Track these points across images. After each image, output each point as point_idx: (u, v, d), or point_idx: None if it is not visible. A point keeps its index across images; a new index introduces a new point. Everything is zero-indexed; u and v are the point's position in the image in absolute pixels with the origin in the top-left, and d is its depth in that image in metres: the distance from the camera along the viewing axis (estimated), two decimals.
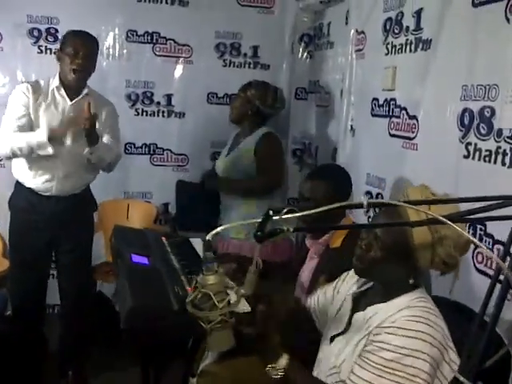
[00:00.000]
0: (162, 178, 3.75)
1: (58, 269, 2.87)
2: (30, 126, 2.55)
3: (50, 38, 3.43)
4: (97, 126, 2.49)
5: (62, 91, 2.60)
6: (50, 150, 2.47)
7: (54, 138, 2.47)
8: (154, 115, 3.69)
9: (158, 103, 3.68)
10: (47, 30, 3.42)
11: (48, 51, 3.45)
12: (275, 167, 2.91)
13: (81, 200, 2.74)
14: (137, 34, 3.57)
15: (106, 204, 3.66)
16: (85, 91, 2.62)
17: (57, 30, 3.42)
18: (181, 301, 1.59)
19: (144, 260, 2.02)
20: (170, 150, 3.76)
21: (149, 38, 3.58)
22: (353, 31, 2.86)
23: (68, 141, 2.58)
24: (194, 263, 1.88)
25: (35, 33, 3.42)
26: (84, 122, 2.39)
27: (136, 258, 2.00)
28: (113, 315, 3.45)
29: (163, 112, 3.70)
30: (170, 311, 1.60)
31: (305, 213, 1.08)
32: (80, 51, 2.49)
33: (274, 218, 1.10)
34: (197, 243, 2.16)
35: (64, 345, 2.93)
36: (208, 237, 1.10)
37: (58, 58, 2.60)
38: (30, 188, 2.63)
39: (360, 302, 1.51)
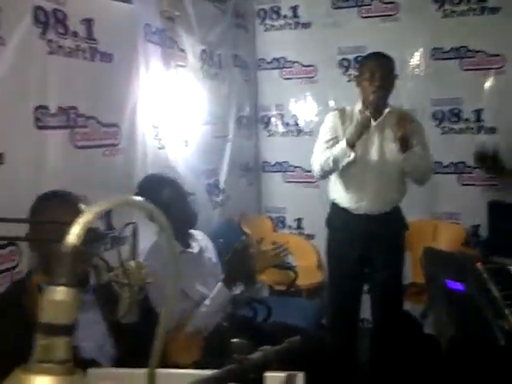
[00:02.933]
0: (470, 199, 3.56)
1: (370, 285, 2.97)
2: None
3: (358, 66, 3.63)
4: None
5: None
6: (351, 156, 2.58)
7: (351, 141, 2.56)
8: (461, 132, 3.53)
9: (467, 120, 3.51)
10: (355, 58, 3.63)
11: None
12: None
13: (391, 219, 2.78)
14: (442, 51, 3.49)
15: (413, 224, 3.62)
16: (386, 110, 2.67)
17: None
18: (506, 336, 1.46)
19: (459, 286, 1.93)
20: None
21: (455, 53, 3.46)
22: None
23: (374, 158, 2.67)
24: None
25: (345, 63, 3.68)
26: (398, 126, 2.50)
27: (451, 284, 1.93)
28: (420, 336, 3.41)
29: (472, 128, 3.51)
30: (495, 346, 1.48)
31: None
32: (376, 73, 2.57)
33: None
34: None
35: (373, 360, 2.99)
36: None
37: (357, 83, 2.74)
38: (343, 208, 2.80)
39: None
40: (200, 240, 2.41)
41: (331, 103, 3.73)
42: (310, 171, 3.94)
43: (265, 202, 4.12)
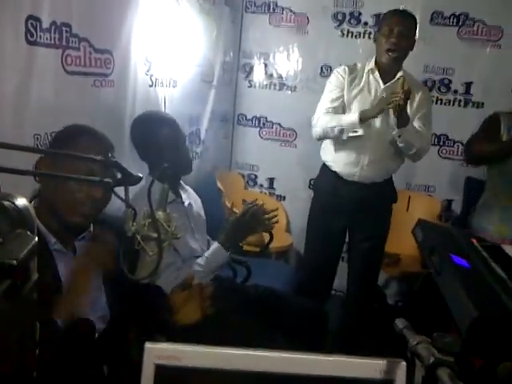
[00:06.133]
0: (448, 173, 3.54)
1: (350, 254, 2.87)
2: (343, 108, 2.53)
3: (353, 21, 3.43)
4: (408, 109, 2.35)
5: (376, 74, 2.51)
6: (359, 131, 2.40)
7: (365, 118, 2.39)
8: (450, 104, 3.44)
9: (455, 91, 3.42)
10: (351, 13, 3.43)
11: (350, 35, 3.46)
12: None
13: (382, 189, 2.65)
14: (442, 16, 3.34)
15: None
16: (399, 74, 2.48)
17: (360, 14, 3.40)
18: None
19: (464, 262, 1.86)
20: (461, 143, 3.49)
21: (454, 20, 3.32)
22: None
23: (377, 124, 2.48)
24: None
25: (339, 16, 3.46)
26: (395, 98, 2.24)
27: (457, 260, 1.86)
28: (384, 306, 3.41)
29: (459, 101, 3.43)
30: None
31: None
32: (394, 29, 2.36)
33: None
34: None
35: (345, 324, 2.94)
36: None
37: (374, 39, 2.54)
38: (335, 172, 2.63)
39: None
40: (189, 193, 2.22)
41: (320, 58, 3.52)
42: (289, 129, 3.77)
43: (237, 158, 3.91)
